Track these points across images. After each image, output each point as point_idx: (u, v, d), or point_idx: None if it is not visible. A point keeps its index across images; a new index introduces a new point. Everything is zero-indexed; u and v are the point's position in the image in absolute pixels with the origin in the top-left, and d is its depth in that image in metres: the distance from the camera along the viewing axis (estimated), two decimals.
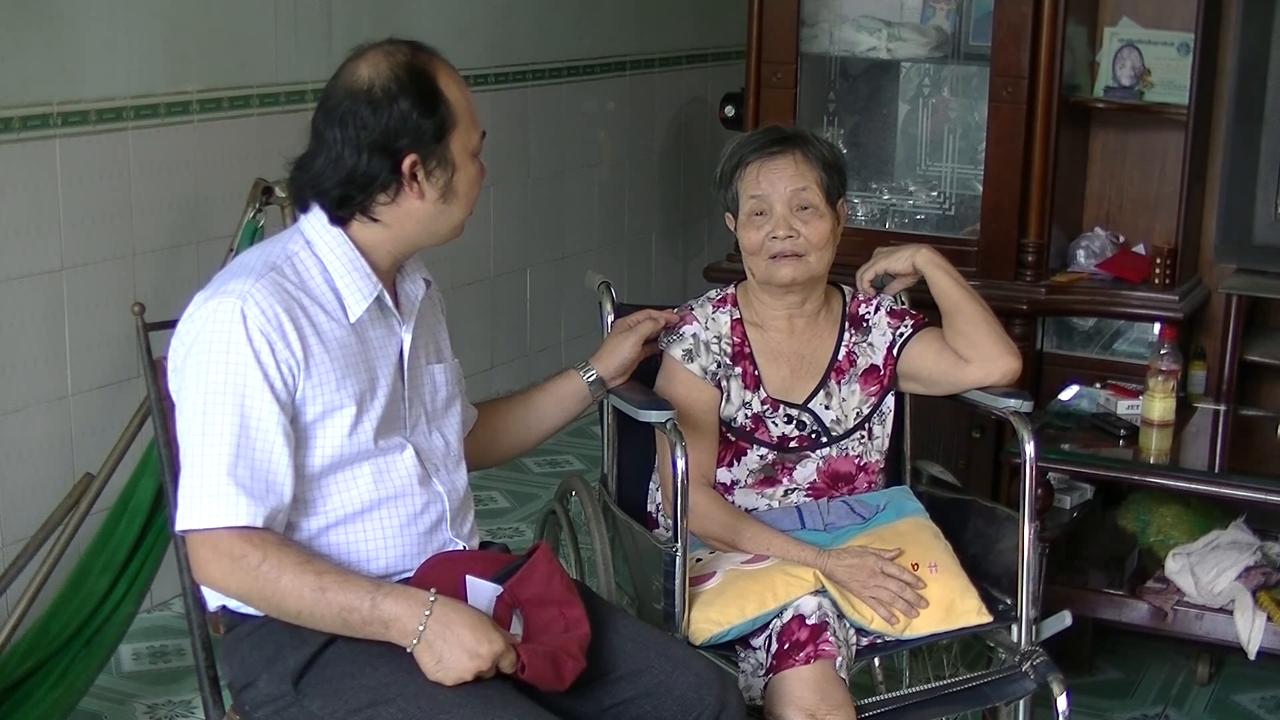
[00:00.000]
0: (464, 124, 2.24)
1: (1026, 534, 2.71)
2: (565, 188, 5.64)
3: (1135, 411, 3.54)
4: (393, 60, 2.21)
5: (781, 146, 2.77)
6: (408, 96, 2.19)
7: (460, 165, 2.25)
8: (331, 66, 2.28)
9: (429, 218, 2.26)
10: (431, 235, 2.29)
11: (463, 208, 2.28)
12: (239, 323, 2.13)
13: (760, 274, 2.78)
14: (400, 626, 2.12)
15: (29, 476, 3.62)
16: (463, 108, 2.24)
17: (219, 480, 2.11)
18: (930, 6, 4.27)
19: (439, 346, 2.44)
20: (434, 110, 2.20)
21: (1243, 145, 3.85)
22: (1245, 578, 3.38)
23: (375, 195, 2.22)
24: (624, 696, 2.28)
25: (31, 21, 3.53)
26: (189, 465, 2.14)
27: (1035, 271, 3.96)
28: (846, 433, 2.83)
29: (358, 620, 2.12)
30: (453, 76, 2.25)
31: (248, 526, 2.11)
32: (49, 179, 3.60)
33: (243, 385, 2.12)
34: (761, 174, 2.76)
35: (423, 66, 2.22)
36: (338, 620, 2.13)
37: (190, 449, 2.14)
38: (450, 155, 2.23)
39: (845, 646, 2.55)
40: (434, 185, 2.23)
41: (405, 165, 2.20)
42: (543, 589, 2.24)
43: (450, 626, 2.12)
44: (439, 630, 2.11)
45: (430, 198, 2.24)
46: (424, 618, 2.11)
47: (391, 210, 2.24)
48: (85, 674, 3.28)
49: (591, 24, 5.66)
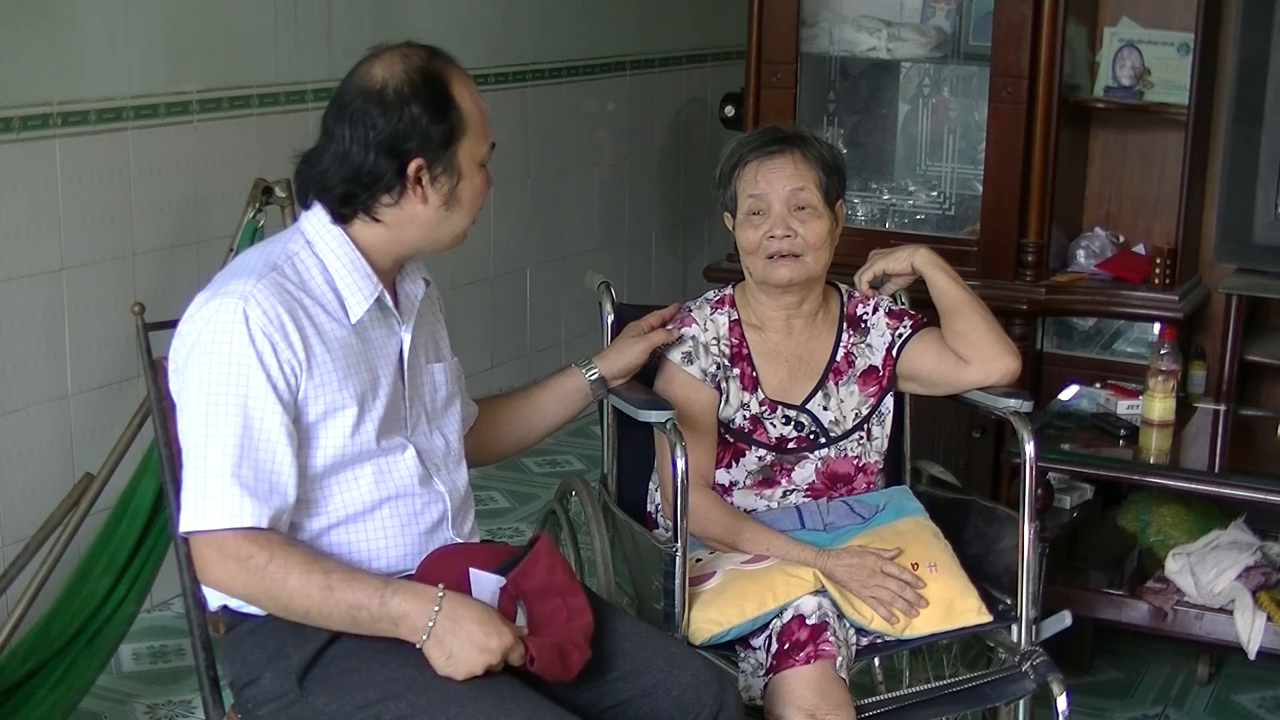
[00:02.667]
0: (474, 133, 2.24)
1: (1026, 534, 2.71)
2: (565, 188, 5.64)
3: (1135, 411, 3.54)
4: (408, 63, 2.21)
5: (780, 146, 2.77)
6: (419, 101, 2.19)
7: (466, 174, 2.25)
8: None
9: (431, 223, 2.26)
10: (433, 241, 2.29)
11: (465, 216, 2.28)
12: (241, 323, 2.13)
13: (757, 273, 2.78)
14: (409, 623, 2.12)
15: (29, 476, 3.62)
16: (474, 117, 2.24)
17: (223, 481, 2.11)
18: (930, 6, 4.26)
19: (438, 346, 2.44)
20: (444, 116, 2.20)
21: (1243, 145, 3.85)
22: (1245, 578, 3.38)
23: (379, 196, 2.22)
24: (622, 697, 2.28)
25: (31, 21, 3.53)
26: (192, 466, 2.14)
27: (1035, 271, 3.95)
28: (845, 434, 2.83)
29: (366, 618, 2.12)
30: (467, 85, 2.25)
31: (253, 527, 2.11)
32: (49, 179, 3.60)
33: (245, 386, 2.12)
34: (760, 173, 2.76)
35: (438, 72, 2.22)
36: (346, 618, 2.13)
37: (193, 450, 2.14)
38: (457, 163, 2.23)
39: (845, 646, 2.55)
40: (438, 191, 2.23)
41: (411, 169, 2.20)
42: (546, 579, 2.25)
43: (459, 622, 2.12)
44: (448, 626, 2.12)
45: (434, 203, 2.24)
46: (433, 613, 2.12)
47: (394, 212, 2.24)
48: (86, 674, 3.28)
49: (591, 24, 5.66)
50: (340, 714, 2.15)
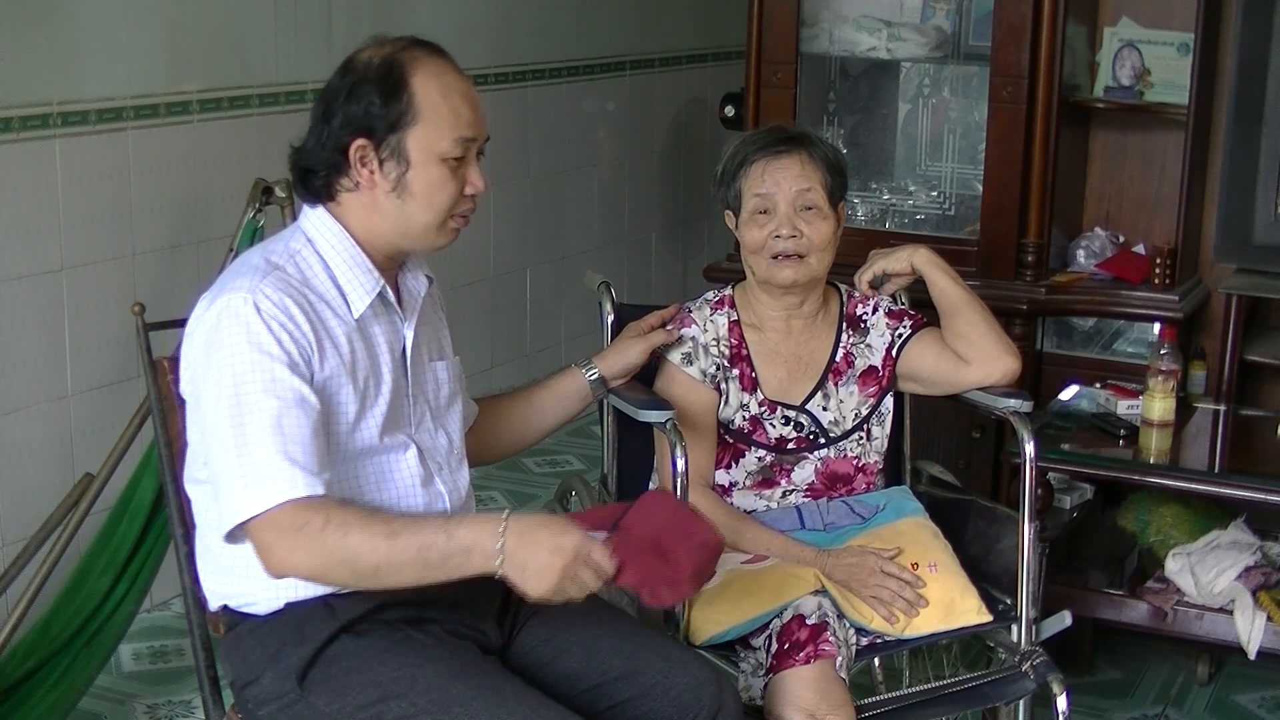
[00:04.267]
0: (431, 124, 2.21)
1: (1026, 534, 2.71)
2: (565, 188, 5.64)
3: (1135, 411, 3.54)
4: (381, 50, 2.23)
5: (788, 146, 2.77)
6: (372, 83, 2.20)
7: (417, 163, 2.21)
8: (331, 66, 2.28)
9: (391, 213, 2.24)
10: (403, 235, 2.26)
11: (422, 209, 2.24)
12: (254, 313, 2.12)
13: (761, 273, 2.78)
14: (481, 548, 2.07)
15: (29, 476, 3.62)
16: (435, 109, 2.21)
17: (271, 461, 2.07)
18: (930, 6, 4.26)
19: (440, 344, 2.44)
20: (395, 101, 2.19)
21: (1243, 145, 3.85)
22: (1245, 578, 3.38)
23: (334, 177, 2.23)
24: (620, 698, 2.28)
25: (31, 21, 3.53)
26: (233, 457, 2.09)
27: (1035, 271, 3.95)
28: (844, 434, 2.83)
29: (437, 556, 2.07)
30: (438, 78, 2.22)
31: (306, 497, 2.07)
32: (49, 179, 3.60)
33: (271, 369, 2.11)
34: (767, 172, 2.75)
35: (401, 59, 2.21)
36: (417, 562, 2.07)
37: (228, 441, 2.10)
38: (405, 149, 2.21)
39: (845, 646, 2.55)
40: (385, 177, 2.22)
41: (352, 149, 2.21)
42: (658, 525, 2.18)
43: (527, 533, 2.07)
44: (517, 541, 2.07)
45: (383, 188, 2.22)
46: (500, 534, 2.07)
47: (355, 198, 2.24)
48: (85, 674, 3.28)
49: (591, 24, 5.66)
50: (341, 714, 2.14)
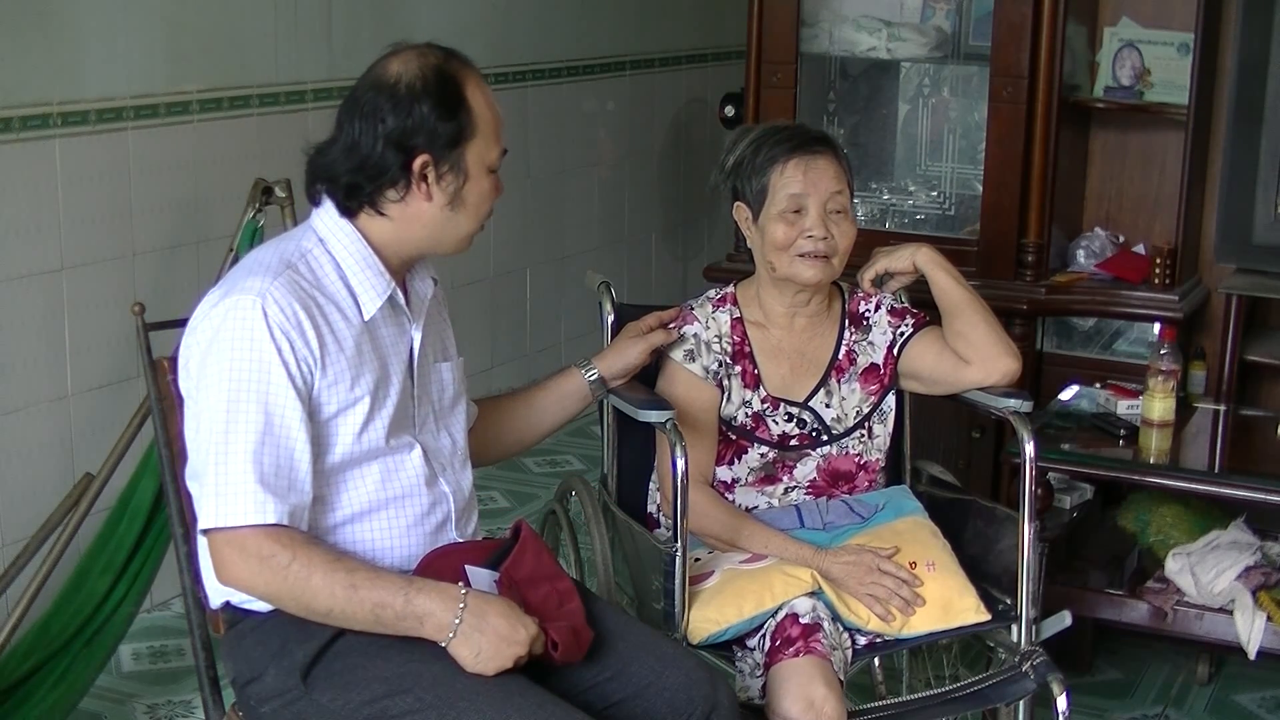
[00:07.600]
0: (484, 136, 2.25)
1: (1026, 534, 2.71)
2: (565, 188, 5.64)
3: (1135, 411, 3.54)
4: (424, 61, 2.22)
5: (822, 147, 2.77)
6: (430, 98, 2.20)
7: (473, 176, 2.25)
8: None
9: (436, 223, 2.26)
10: (438, 243, 2.29)
11: (470, 219, 2.28)
12: (261, 319, 2.13)
13: (782, 270, 2.77)
14: (435, 621, 2.12)
15: (29, 476, 3.62)
16: (486, 121, 2.25)
17: (245, 478, 2.10)
18: (930, 6, 4.26)
19: (445, 345, 2.44)
20: (454, 116, 2.21)
21: (1243, 145, 3.85)
22: (1245, 578, 3.38)
23: (384, 189, 2.23)
24: (614, 698, 2.28)
25: (31, 21, 3.52)
26: (212, 463, 2.12)
27: (1035, 271, 3.95)
28: (847, 431, 2.83)
29: (391, 616, 2.12)
30: (482, 89, 2.26)
31: (275, 525, 2.10)
32: (49, 179, 3.60)
33: (267, 381, 2.12)
34: (806, 172, 2.73)
35: (452, 73, 2.23)
36: (370, 617, 2.12)
37: (212, 446, 2.12)
38: (464, 164, 2.24)
39: (839, 650, 2.55)
40: (444, 190, 2.24)
41: (416, 164, 2.21)
42: (534, 567, 2.27)
43: (485, 618, 2.12)
44: (474, 623, 2.12)
45: (438, 202, 2.24)
46: (458, 611, 2.12)
47: (400, 209, 2.24)
48: (85, 674, 3.28)
49: (591, 24, 5.66)
50: (345, 710, 2.14)
